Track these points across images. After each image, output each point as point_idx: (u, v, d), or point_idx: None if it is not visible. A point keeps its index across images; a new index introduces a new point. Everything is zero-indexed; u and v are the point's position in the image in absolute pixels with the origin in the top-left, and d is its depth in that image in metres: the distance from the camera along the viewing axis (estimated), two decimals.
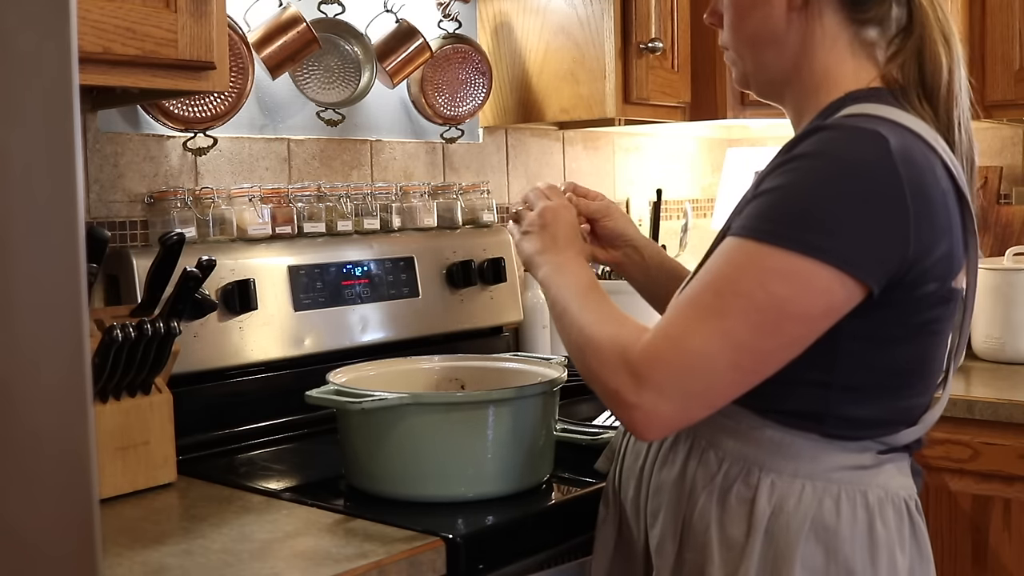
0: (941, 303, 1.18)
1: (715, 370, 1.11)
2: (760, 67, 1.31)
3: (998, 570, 2.05)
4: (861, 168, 1.11)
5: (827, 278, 1.09)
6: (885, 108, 1.18)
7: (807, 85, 1.27)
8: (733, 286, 1.11)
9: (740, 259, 1.12)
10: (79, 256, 0.82)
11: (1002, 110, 2.41)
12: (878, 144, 1.12)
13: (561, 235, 1.40)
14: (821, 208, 1.10)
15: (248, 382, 1.85)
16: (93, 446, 0.84)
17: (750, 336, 1.11)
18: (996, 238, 2.59)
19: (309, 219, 1.97)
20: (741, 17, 1.29)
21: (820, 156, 1.13)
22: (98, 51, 1.37)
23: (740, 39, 1.31)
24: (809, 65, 1.26)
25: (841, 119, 1.17)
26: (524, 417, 1.46)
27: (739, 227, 1.14)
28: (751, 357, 1.12)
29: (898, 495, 1.23)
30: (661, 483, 1.27)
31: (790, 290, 1.10)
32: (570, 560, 1.46)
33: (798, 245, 1.09)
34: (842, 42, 1.25)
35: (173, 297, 1.61)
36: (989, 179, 2.65)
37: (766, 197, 1.14)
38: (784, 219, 1.11)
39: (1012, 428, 2.03)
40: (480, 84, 2.28)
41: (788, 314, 1.11)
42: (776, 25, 1.26)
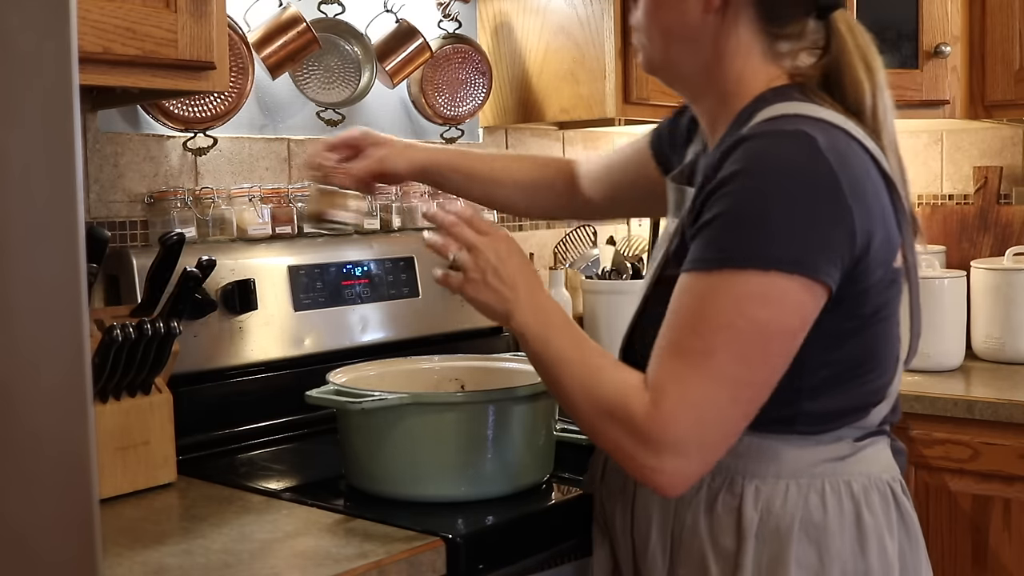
0: (887, 287, 1.19)
1: (722, 413, 1.12)
2: (668, 60, 1.30)
3: (998, 570, 2.05)
4: (798, 173, 1.11)
5: (797, 289, 1.10)
6: (798, 105, 1.18)
7: (720, 91, 1.26)
8: (711, 322, 1.10)
9: (708, 292, 1.11)
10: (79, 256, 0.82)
11: (1002, 110, 2.41)
12: (807, 144, 1.12)
13: (517, 276, 1.24)
14: (772, 222, 1.10)
15: (248, 382, 1.85)
16: (93, 446, 0.84)
17: (742, 368, 1.11)
18: (996, 238, 2.59)
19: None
20: (657, 6, 1.28)
21: (755, 170, 1.12)
22: (98, 51, 1.37)
23: (652, 27, 1.29)
24: (722, 71, 1.25)
25: (762, 126, 1.17)
26: (524, 417, 1.46)
27: (695, 260, 1.13)
28: (749, 387, 1.12)
29: (881, 479, 1.24)
30: (647, 501, 1.27)
31: (769, 310, 1.10)
32: (570, 560, 1.46)
33: (764, 263, 1.09)
34: (756, 52, 1.24)
35: (173, 297, 1.61)
36: (989, 179, 2.65)
37: (714, 225, 1.12)
38: (737, 241, 1.11)
39: (1012, 428, 2.03)
40: (480, 84, 2.28)
41: (772, 334, 1.11)
42: (690, 24, 1.25)
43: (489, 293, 1.24)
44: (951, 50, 2.32)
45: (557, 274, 2.43)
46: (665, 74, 1.33)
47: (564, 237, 2.56)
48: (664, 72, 1.33)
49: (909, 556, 1.24)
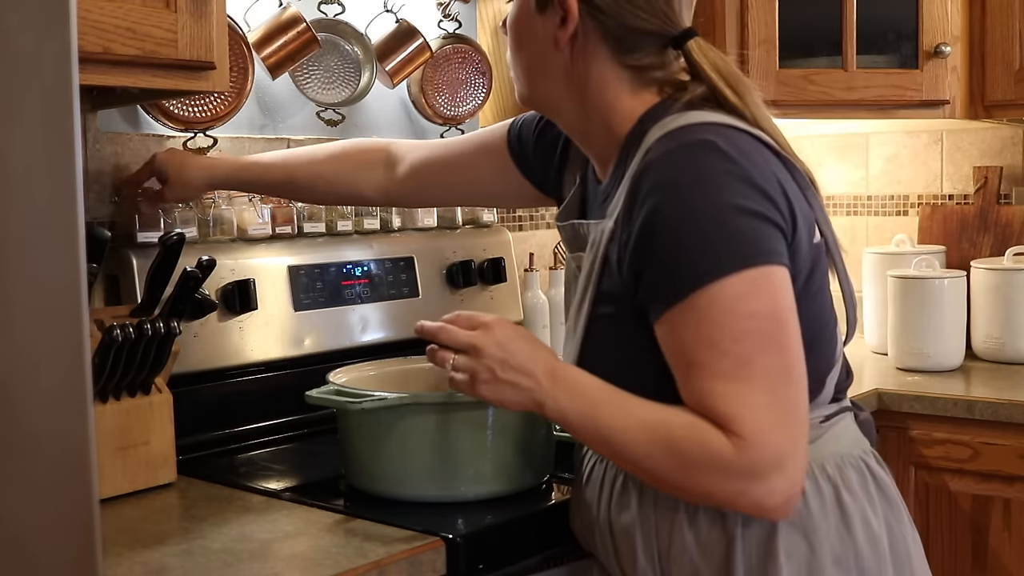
0: (814, 261, 1.21)
1: (791, 404, 1.12)
2: (536, 94, 1.32)
3: (998, 570, 2.05)
4: (712, 177, 1.13)
5: (770, 275, 1.12)
6: (685, 115, 1.19)
7: (599, 120, 1.27)
8: (725, 336, 1.10)
9: (701, 316, 1.11)
10: (79, 256, 0.82)
11: (1002, 110, 2.41)
12: (711, 149, 1.14)
13: (529, 362, 1.19)
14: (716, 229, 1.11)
15: (248, 382, 1.85)
16: (93, 446, 0.84)
17: (779, 357, 1.11)
18: (996, 238, 2.59)
19: (309, 219, 1.97)
20: (518, 43, 1.31)
21: (673, 188, 1.13)
22: (98, 51, 1.37)
23: (516, 64, 1.32)
24: (593, 103, 1.27)
25: (661, 145, 1.17)
26: (524, 417, 1.46)
27: (668, 295, 1.12)
28: (794, 370, 1.13)
29: (853, 455, 1.25)
30: (624, 527, 1.27)
31: (763, 300, 1.11)
32: (570, 560, 1.46)
33: (732, 265, 1.10)
34: (623, 81, 1.25)
35: (173, 297, 1.61)
36: (989, 179, 2.65)
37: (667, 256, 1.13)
38: (699, 259, 1.11)
39: (1012, 428, 2.03)
40: (480, 84, 2.28)
41: (780, 317, 1.12)
42: (546, 61, 1.27)
43: (507, 389, 1.19)
44: (951, 50, 2.32)
45: (557, 274, 2.43)
46: (537, 107, 1.37)
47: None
48: (535, 106, 1.36)
49: (895, 526, 1.25)
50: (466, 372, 1.20)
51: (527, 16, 1.28)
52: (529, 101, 1.35)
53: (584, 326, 1.26)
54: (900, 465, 2.12)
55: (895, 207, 2.82)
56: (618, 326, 1.22)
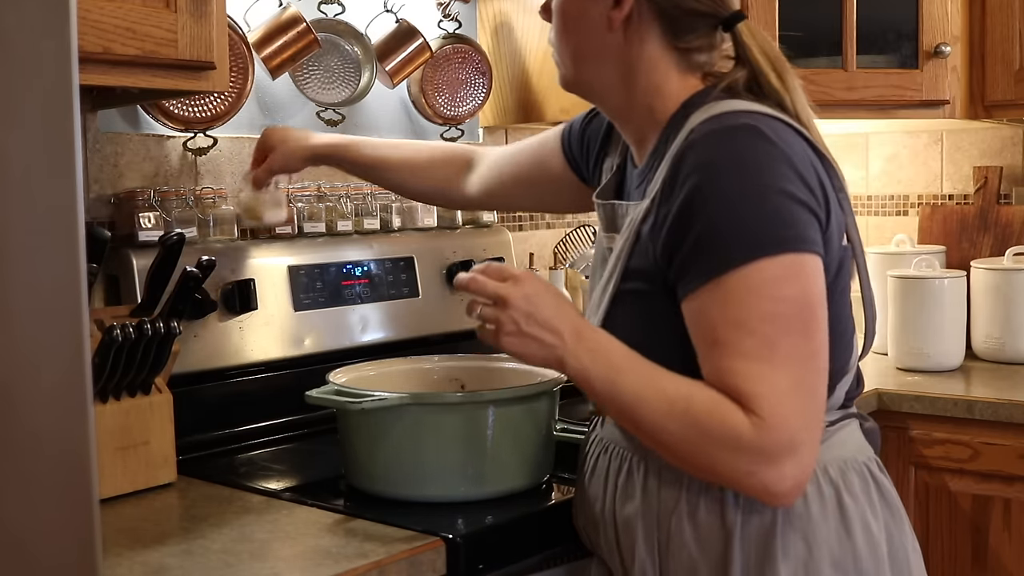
0: (840, 263, 1.21)
1: (811, 391, 1.12)
2: (581, 78, 1.32)
3: (998, 570, 2.05)
4: (755, 161, 1.13)
5: (805, 261, 1.12)
6: (728, 102, 1.20)
7: (642, 104, 1.27)
8: (754, 317, 1.11)
9: (733, 295, 1.11)
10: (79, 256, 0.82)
11: (1002, 110, 2.41)
12: (755, 133, 1.15)
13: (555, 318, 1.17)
14: (755, 211, 1.12)
15: (248, 382, 1.85)
16: (93, 446, 0.84)
17: (805, 343, 1.12)
18: (996, 238, 2.59)
19: (309, 219, 1.97)
20: (565, 26, 1.30)
21: (715, 170, 1.14)
22: (98, 51, 1.37)
23: (563, 46, 1.32)
24: (639, 86, 1.27)
25: (704, 128, 1.17)
26: (524, 417, 1.46)
27: (702, 273, 1.13)
28: (813, 359, 1.13)
29: (857, 460, 1.25)
30: (628, 519, 1.27)
31: (797, 286, 1.12)
32: (570, 560, 1.46)
33: (768, 249, 1.11)
34: (671, 65, 1.26)
35: (173, 297, 1.61)
36: (989, 179, 2.65)
37: (704, 235, 1.13)
38: (737, 239, 1.12)
39: (1012, 428, 2.03)
40: (480, 84, 2.28)
41: (810, 304, 1.13)
42: (596, 43, 1.27)
43: (531, 343, 1.18)
44: (951, 50, 2.32)
45: (557, 274, 2.43)
46: (581, 91, 1.35)
47: (564, 237, 2.56)
48: (579, 89, 1.35)
49: (895, 533, 1.25)
50: (492, 323, 1.18)
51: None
52: (574, 85, 1.34)
53: (609, 301, 1.26)
54: (900, 465, 2.12)
55: (895, 207, 2.82)
56: (643, 303, 1.22)
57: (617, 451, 1.30)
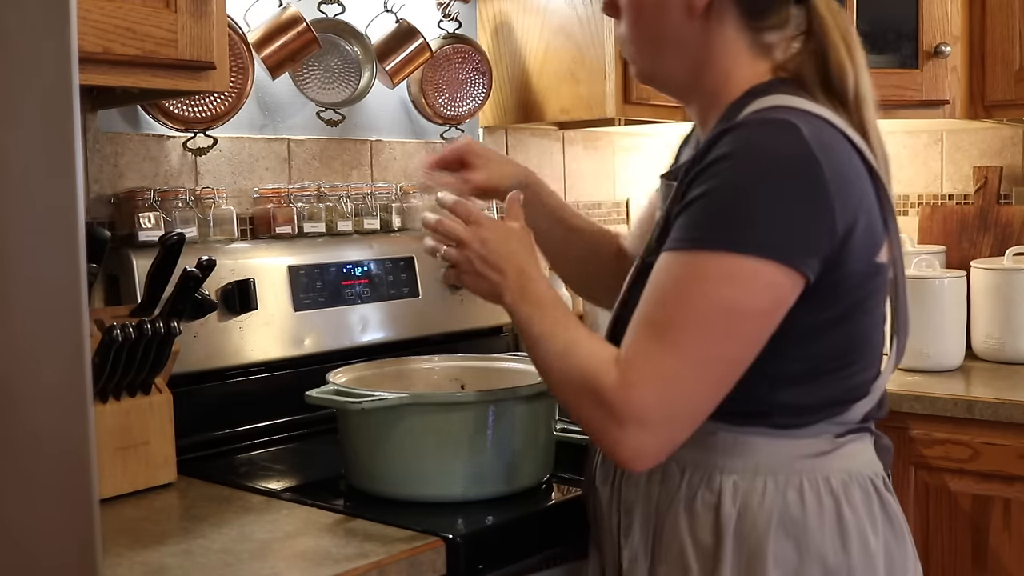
0: (869, 279, 1.20)
1: (688, 389, 1.13)
2: (658, 68, 1.31)
3: (998, 570, 2.05)
4: (780, 160, 1.12)
5: (770, 272, 1.11)
6: (786, 97, 1.20)
7: (708, 89, 1.27)
8: (680, 301, 1.12)
9: (680, 271, 1.13)
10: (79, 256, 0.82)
11: (1002, 110, 2.41)
12: (791, 133, 1.13)
13: (504, 261, 1.27)
14: (749, 205, 1.11)
15: (248, 382, 1.85)
16: (93, 446, 0.84)
17: (710, 346, 1.12)
18: (996, 238, 2.59)
19: (309, 219, 1.97)
20: (640, 17, 1.29)
21: (738, 155, 1.13)
22: (98, 51, 1.37)
23: (638, 38, 1.30)
24: (710, 70, 1.26)
25: (749, 116, 1.18)
26: (524, 417, 1.46)
27: (673, 240, 1.15)
28: (717, 366, 1.13)
29: (863, 475, 1.24)
30: (629, 503, 1.28)
31: (734, 291, 1.11)
32: (570, 560, 1.46)
33: (734, 246, 1.11)
34: (743, 48, 1.25)
35: (173, 297, 1.61)
36: (989, 179, 2.65)
37: (694, 206, 1.14)
38: (716, 223, 1.12)
39: (1012, 428, 2.02)
40: (480, 84, 2.28)
41: (739, 315, 1.12)
42: (675, 31, 1.26)
43: (480, 281, 1.29)
44: (951, 50, 2.32)
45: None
46: (657, 82, 1.34)
47: None
48: (656, 80, 1.34)
49: (896, 552, 1.24)
50: (452, 262, 1.30)
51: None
52: (652, 77, 1.33)
53: (634, 272, 1.28)
54: (900, 465, 2.12)
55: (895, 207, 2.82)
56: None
57: None
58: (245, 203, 1.97)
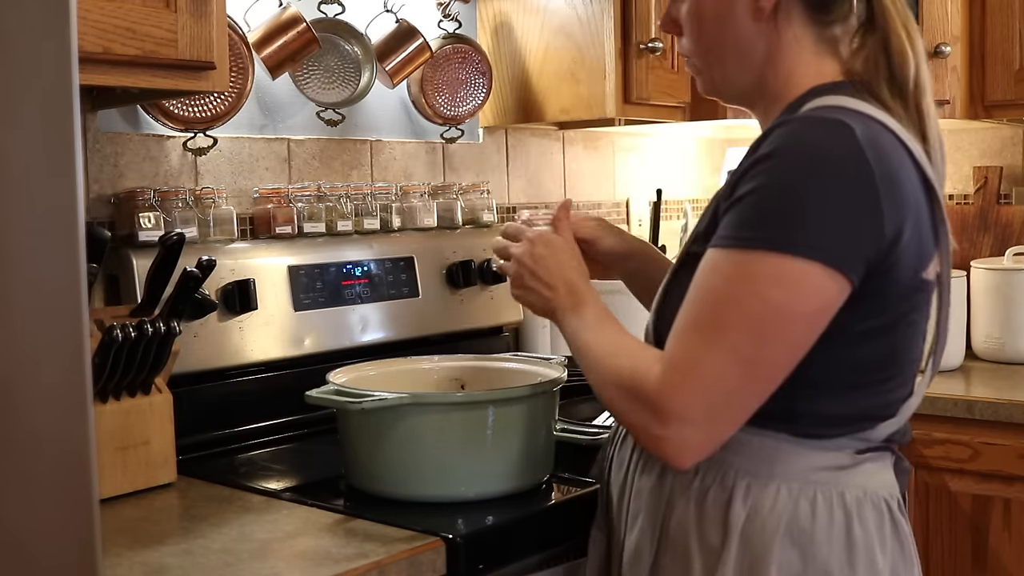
0: (913, 293, 1.19)
1: (731, 388, 1.12)
2: (726, 76, 1.29)
3: (998, 570, 2.05)
4: (830, 160, 1.11)
5: (818, 275, 1.10)
6: (848, 99, 1.19)
7: (773, 89, 1.26)
8: (728, 299, 1.12)
9: (729, 270, 1.12)
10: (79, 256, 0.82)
11: (1002, 110, 2.41)
12: (843, 133, 1.12)
13: (555, 275, 1.34)
14: (799, 206, 1.10)
15: (248, 382, 1.85)
16: (93, 446, 0.84)
17: (756, 347, 1.11)
18: (996, 238, 2.59)
19: (309, 219, 1.97)
20: (703, 28, 1.28)
21: (788, 153, 1.12)
22: (98, 51, 1.37)
23: (704, 50, 1.29)
24: (774, 70, 1.25)
25: (804, 112, 1.18)
26: (524, 417, 1.46)
27: (721, 237, 1.14)
28: (762, 367, 1.12)
29: (878, 494, 1.22)
30: (641, 489, 1.28)
31: (784, 293, 1.10)
32: (570, 560, 1.46)
33: (784, 246, 1.09)
34: (806, 43, 1.24)
35: (173, 297, 1.61)
36: (989, 179, 2.65)
37: (743, 203, 1.13)
38: (765, 222, 1.11)
39: (1012, 428, 2.03)
40: (480, 84, 2.28)
41: (787, 317, 1.11)
42: (742, 36, 1.25)
43: (531, 295, 1.37)
44: (951, 50, 2.32)
45: None
46: (725, 93, 1.33)
47: None
48: (724, 91, 1.33)
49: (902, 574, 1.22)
50: (506, 274, 1.40)
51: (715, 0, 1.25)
52: (719, 88, 1.32)
53: (678, 262, 1.27)
54: None
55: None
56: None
57: None
58: (245, 203, 1.97)
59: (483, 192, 2.28)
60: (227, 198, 1.90)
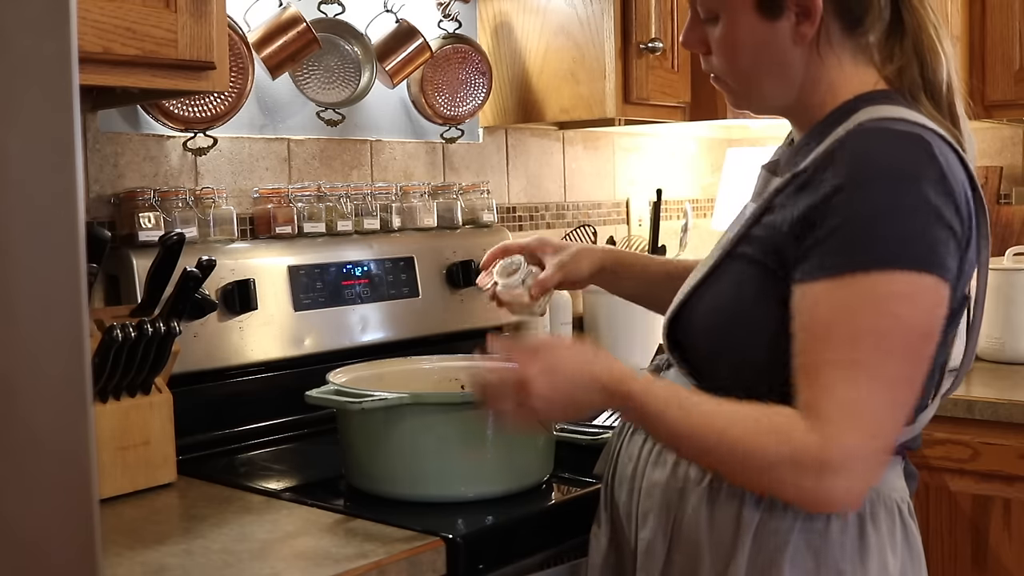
0: (959, 307, 1.19)
1: (884, 420, 1.10)
2: (763, 96, 1.28)
3: (998, 570, 2.05)
4: (921, 174, 1.11)
5: (935, 286, 1.10)
6: (903, 110, 1.18)
7: (812, 102, 1.25)
8: (857, 327, 1.09)
9: (849, 298, 1.10)
10: (79, 256, 0.82)
11: (1002, 110, 2.41)
12: (924, 148, 1.12)
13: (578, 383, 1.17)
14: (905, 223, 1.09)
15: (248, 382, 1.85)
16: (93, 446, 0.84)
17: (894, 367, 1.09)
18: (996, 238, 2.59)
19: (309, 219, 1.97)
20: (739, 55, 1.25)
21: (877, 169, 1.11)
22: (98, 51, 1.37)
23: (740, 74, 1.27)
24: (814, 85, 1.24)
25: (871, 124, 1.16)
26: None
27: (828, 267, 1.11)
28: (903, 386, 1.11)
29: (890, 497, 1.23)
30: (652, 484, 1.27)
31: (913, 308, 1.09)
32: (570, 560, 1.46)
33: (904, 263, 1.08)
34: (845, 57, 1.23)
35: (173, 297, 1.61)
36: (989, 179, 2.65)
37: (844, 228, 1.11)
38: (876, 242, 1.09)
39: (1012, 428, 2.03)
40: (480, 84, 2.28)
41: (918, 332, 1.10)
42: (783, 60, 1.23)
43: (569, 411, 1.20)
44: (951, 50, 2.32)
45: None
46: (756, 108, 1.32)
47: (564, 237, 2.56)
48: (755, 107, 1.32)
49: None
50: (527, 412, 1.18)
51: (753, 27, 1.22)
52: (749, 104, 1.31)
53: (719, 257, 1.24)
54: None
55: None
56: (746, 269, 1.21)
57: None
58: (245, 203, 1.97)
59: (483, 192, 2.28)
60: (227, 198, 1.90)
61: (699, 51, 1.30)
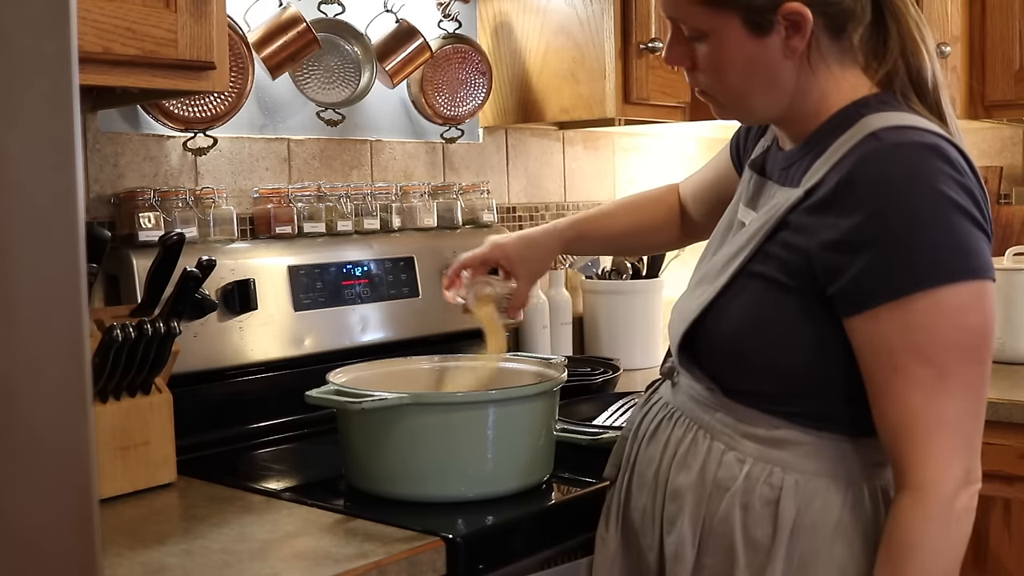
0: None
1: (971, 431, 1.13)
2: (753, 108, 1.28)
3: (998, 570, 2.05)
4: (943, 181, 1.11)
5: (990, 291, 1.12)
6: (908, 116, 1.18)
7: (803, 111, 1.25)
8: (938, 345, 1.11)
9: (917, 317, 1.11)
10: (79, 256, 0.82)
11: (1002, 110, 2.41)
12: (942, 156, 1.13)
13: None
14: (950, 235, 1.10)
15: (248, 382, 1.85)
16: (93, 446, 0.84)
17: (976, 370, 1.12)
18: (996, 238, 2.58)
19: (309, 219, 1.97)
20: (731, 72, 1.24)
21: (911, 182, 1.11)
22: (98, 51, 1.37)
23: (727, 88, 1.26)
24: (805, 95, 1.24)
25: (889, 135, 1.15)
26: (524, 417, 1.46)
27: (884, 292, 1.11)
28: (986, 384, 1.14)
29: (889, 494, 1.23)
30: (678, 488, 1.27)
31: (980, 314, 1.12)
32: (570, 560, 1.46)
33: (960, 274, 1.10)
34: (832, 63, 1.23)
35: (173, 297, 1.61)
36: (989, 179, 2.65)
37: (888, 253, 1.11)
38: (929, 260, 1.10)
39: (1012, 428, 2.03)
40: (480, 84, 2.28)
41: (987, 334, 1.13)
42: (772, 75, 1.23)
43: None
44: (951, 50, 2.32)
45: (557, 274, 2.43)
46: (748, 120, 1.34)
47: None
48: (747, 119, 1.33)
49: None
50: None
51: (742, 44, 1.21)
52: (736, 114, 1.32)
53: (732, 275, 1.23)
54: None
55: None
56: (770, 290, 1.20)
57: (684, 420, 1.30)
58: (245, 203, 1.97)
59: (483, 192, 2.28)
60: (227, 198, 1.90)
61: (684, 66, 1.29)
